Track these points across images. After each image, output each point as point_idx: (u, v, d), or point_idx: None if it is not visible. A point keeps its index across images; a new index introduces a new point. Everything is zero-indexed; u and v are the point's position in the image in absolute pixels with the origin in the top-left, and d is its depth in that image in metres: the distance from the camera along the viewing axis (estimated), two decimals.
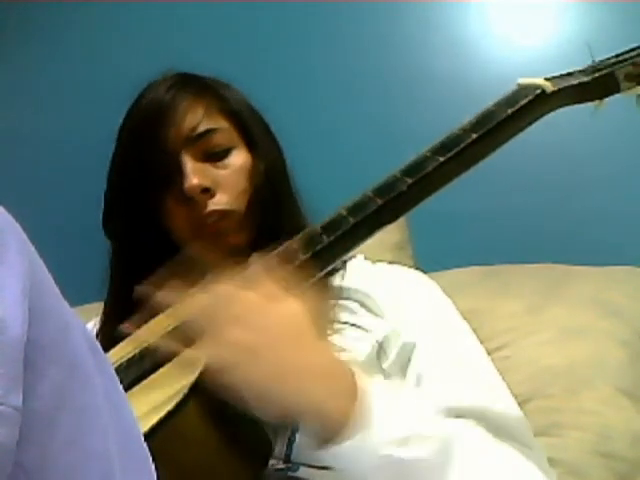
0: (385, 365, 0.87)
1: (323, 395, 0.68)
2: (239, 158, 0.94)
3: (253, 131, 0.96)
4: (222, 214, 0.91)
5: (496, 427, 0.79)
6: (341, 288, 0.93)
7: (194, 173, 0.90)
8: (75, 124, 1.82)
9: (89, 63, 1.86)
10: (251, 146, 0.96)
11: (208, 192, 0.91)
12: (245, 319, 0.68)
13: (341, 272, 0.96)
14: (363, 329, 0.88)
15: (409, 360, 0.88)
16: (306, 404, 0.68)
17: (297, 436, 0.79)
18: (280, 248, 0.78)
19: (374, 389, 0.72)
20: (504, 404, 0.86)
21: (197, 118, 0.92)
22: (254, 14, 1.76)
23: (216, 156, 0.93)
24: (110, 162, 0.98)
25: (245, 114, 0.97)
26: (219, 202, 0.91)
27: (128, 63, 1.74)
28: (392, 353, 0.87)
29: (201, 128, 0.92)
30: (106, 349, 0.74)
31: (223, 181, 0.92)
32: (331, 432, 0.68)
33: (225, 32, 1.76)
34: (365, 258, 1.03)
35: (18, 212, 0.47)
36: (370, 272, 1.00)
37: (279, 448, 0.78)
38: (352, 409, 0.68)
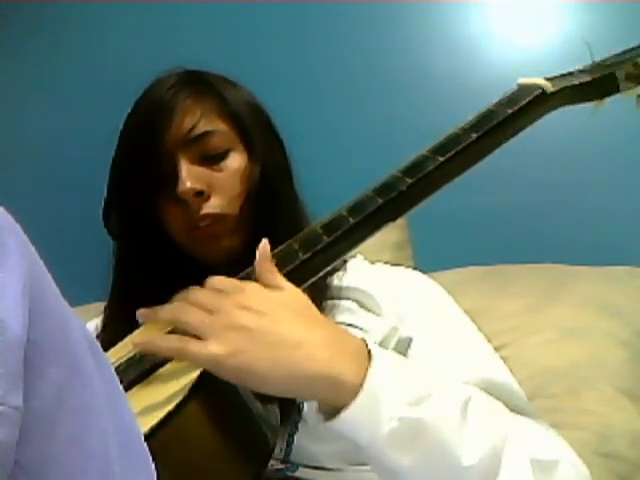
0: None
1: (333, 359, 0.68)
2: (236, 161, 0.94)
3: (252, 133, 0.96)
4: (216, 217, 0.91)
5: (499, 398, 0.80)
6: (339, 288, 0.93)
7: (188, 176, 0.90)
8: (76, 123, 1.82)
9: (91, 62, 1.86)
10: (249, 148, 0.96)
11: (202, 195, 0.90)
12: (250, 304, 0.69)
13: (340, 272, 0.96)
14: (362, 329, 0.88)
15: (406, 355, 0.87)
16: (317, 370, 0.67)
17: (295, 437, 0.79)
18: (280, 248, 0.78)
19: (385, 353, 0.73)
20: (505, 380, 0.86)
21: (195, 120, 0.91)
22: (254, 14, 1.76)
23: (213, 159, 0.93)
24: (112, 160, 0.98)
25: (245, 115, 0.96)
26: (213, 205, 0.91)
27: (129, 62, 1.74)
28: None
29: (198, 130, 0.91)
30: (106, 349, 0.74)
31: (218, 184, 0.92)
32: (344, 396, 0.67)
33: (225, 31, 1.77)
34: (364, 259, 1.03)
35: (18, 212, 0.47)
36: (369, 272, 0.99)
37: (278, 448, 0.78)
38: (364, 371, 0.68)
